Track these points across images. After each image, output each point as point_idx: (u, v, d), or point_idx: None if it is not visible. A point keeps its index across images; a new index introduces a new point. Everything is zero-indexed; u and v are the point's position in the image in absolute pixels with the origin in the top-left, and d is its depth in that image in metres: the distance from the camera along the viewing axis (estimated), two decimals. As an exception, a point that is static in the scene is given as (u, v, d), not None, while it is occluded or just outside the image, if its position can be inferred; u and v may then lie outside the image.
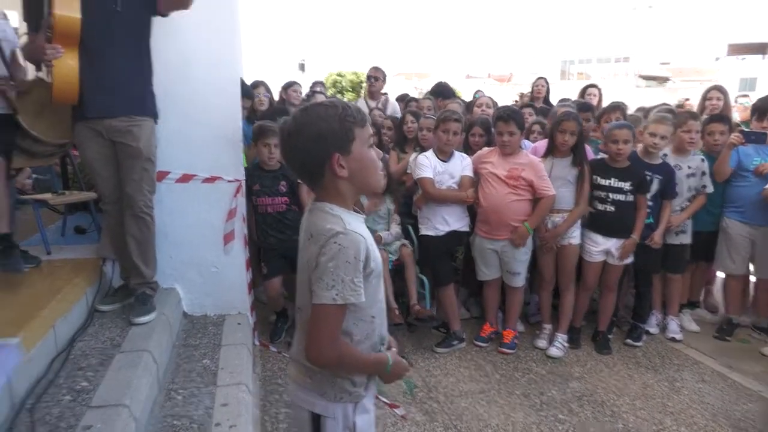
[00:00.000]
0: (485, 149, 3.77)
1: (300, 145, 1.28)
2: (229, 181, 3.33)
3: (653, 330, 4.07)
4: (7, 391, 1.93)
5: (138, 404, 2.12)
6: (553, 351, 3.70)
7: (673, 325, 4.04)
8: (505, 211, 3.53)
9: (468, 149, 3.94)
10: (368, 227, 1.39)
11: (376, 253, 1.33)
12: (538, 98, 5.90)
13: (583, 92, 5.86)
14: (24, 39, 2.87)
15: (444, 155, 3.66)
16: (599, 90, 5.85)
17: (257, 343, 3.56)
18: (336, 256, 1.23)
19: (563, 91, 7.65)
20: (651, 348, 3.87)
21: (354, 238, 1.26)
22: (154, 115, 2.91)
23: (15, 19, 3.74)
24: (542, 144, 3.84)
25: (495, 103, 4.82)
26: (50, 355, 2.31)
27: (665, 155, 3.86)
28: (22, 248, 3.09)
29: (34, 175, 5.27)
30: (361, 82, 30.37)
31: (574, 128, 3.51)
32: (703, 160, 3.87)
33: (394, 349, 1.47)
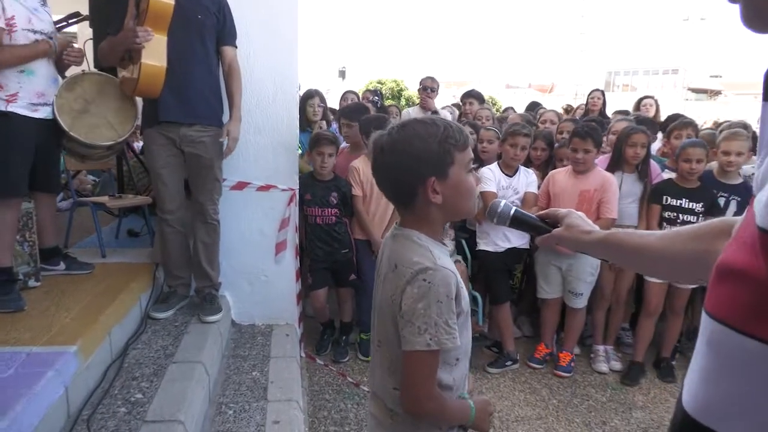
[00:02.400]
0: (560, 169, 3.61)
1: (393, 164, 1.17)
2: (283, 190, 3.28)
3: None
4: (64, 400, 1.90)
5: (191, 419, 2.05)
6: (614, 365, 3.62)
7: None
8: None
9: (529, 163, 3.79)
10: None
11: (464, 291, 1.21)
12: (593, 110, 5.68)
13: (639, 104, 5.68)
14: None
15: (509, 170, 3.53)
16: (656, 101, 5.67)
17: (303, 355, 3.48)
18: (426, 296, 1.11)
19: (609, 104, 7.34)
20: (720, 378, 3.60)
21: (444, 274, 1.13)
22: (222, 124, 2.90)
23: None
24: (603, 159, 3.66)
25: (560, 118, 4.66)
26: (106, 362, 2.28)
27: (753, 175, 3.60)
28: (71, 254, 3.10)
29: (90, 177, 5.41)
30: (401, 89, 30.44)
31: (645, 141, 3.33)
32: None
33: (477, 396, 1.34)
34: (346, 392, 3.16)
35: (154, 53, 2.59)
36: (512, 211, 1.21)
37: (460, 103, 5.55)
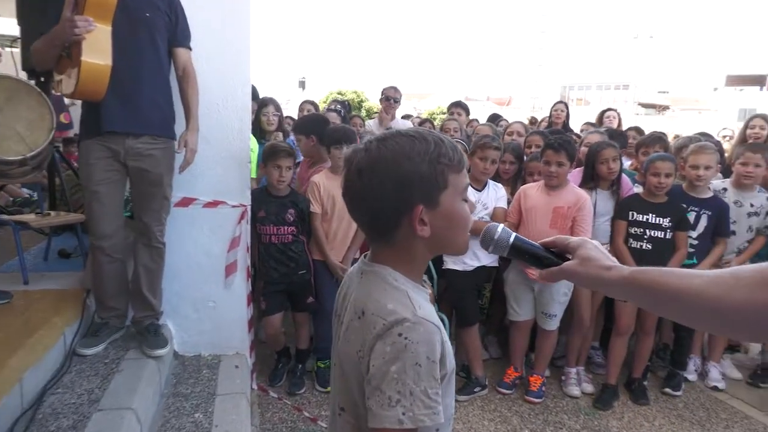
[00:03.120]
0: (532, 183, 3.44)
1: (372, 188, 0.93)
2: (233, 206, 2.98)
3: (691, 377, 3.71)
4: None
5: (116, 482, 1.73)
6: (586, 387, 3.49)
7: (714, 372, 3.68)
8: None
9: (497, 177, 3.62)
10: None
11: (449, 347, 0.97)
12: (557, 123, 5.61)
13: (602, 116, 5.73)
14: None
15: (478, 184, 3.34)
16: (618, 114, 5.77)
17: (255, 387, 3.17)
18: (401, 356, 0.86)
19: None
20: (692, 398, 3.50)
21: (427, 329, 0.89)
22: (174, 135, 2.60)
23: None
24: (575, 174, 3.53)
25: (527, 130, 4.54)
26: (14, 414, 1.92)
27: (724, 190, 3.54)
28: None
29: (25, 190, 4.93)
30: (362, 101, 30.35)
31: (616, 155, 3.21)
32: None
33: None
34: (301, 429, 2.87)
35: (97, 48, 2.26)
36: (512, 239, 0.99)
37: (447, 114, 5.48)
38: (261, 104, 4.21)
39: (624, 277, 0.85)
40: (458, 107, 5.46)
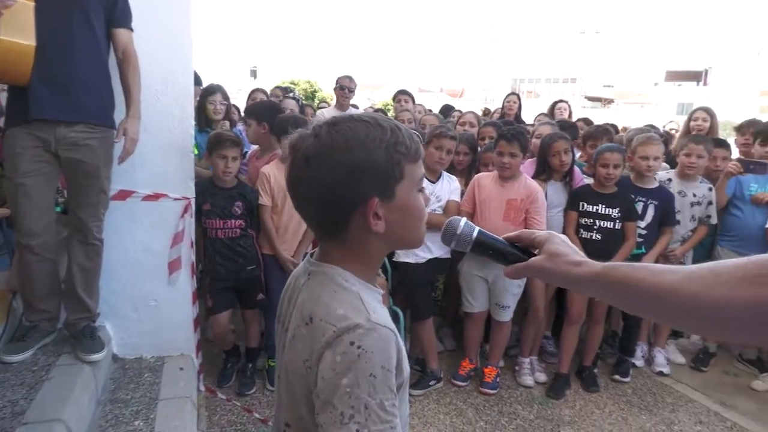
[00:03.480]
0: (486, 173, 3.41)
1: (322, 179, 0.84)
2: (175, 199, 2.81)
3: (639, 363, 3.81)
4: None
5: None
6: (539, 377, 3.52)
7: (660, 357, 3.79)
8: None
9: (452, 168, 3.57)
10: None
11: (404, 353, 0.88)
12: (509, 114, 5.64)
13: (553, 107, 5.79)
14: None
15: (433, 175, 3.27)
16: (569, 105, 5.84)
17: (202, 389, 3.03)
18: (353, 367, 0.77)
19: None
20: (639, 384, 3.59)
21: (382, 336, 0.81)
22: (113, 124, 2.41)
23: None
24: (528, 164, 3.53)
25: (480, 121, 4.52)
26: None
27: (669, 180, 3.63)
28: None
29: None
30: (315, 90, 29.91)
31: (567, 147, 3.23)
32: (710, 188, 3.63)
33: None
34: (251, 431, 2.76)
35: (17, 26, 2.05)
36: (475, 233, 0.93)
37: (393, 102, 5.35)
38: (208, 92, 4.01)
39: (596, 273, 0.80)
40: (404, 95, 5.37)
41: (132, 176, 2.73)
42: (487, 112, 7.17)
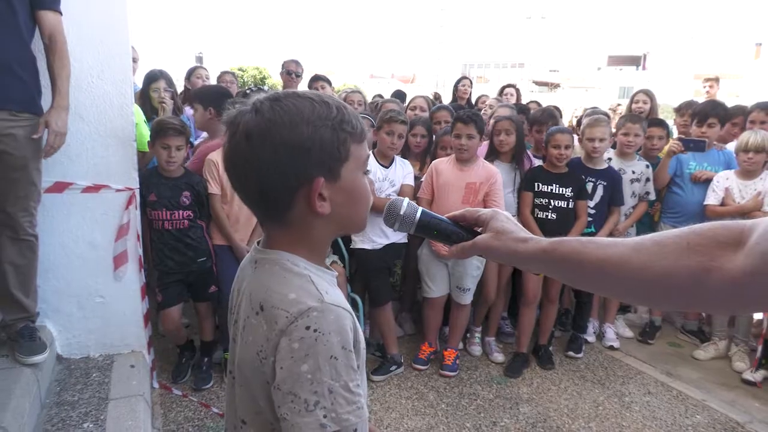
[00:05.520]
0: (443, 158, 3.40)
1: (263, 156, 0.79)
2: (118, 190, 2.67)
3: (590, 338, 3.94)
4: None
5: None
6: (497, 357, 3.59)
7: (610, 332, 3.93)
8: None
9: (407, 151, 3.55)
10: None
11: (361, 333, 0.86)
12: (462, 98, 5.67)
13: (501, 92, 5.86)
14: None
15: (385, 160, 3.24)
16: (517, 89, 5.92)
17: (156, 386, 2.92)
18: (312, 352, 0.74)
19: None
20: (592, 359, 3.71)
21: (338, 316, 0.78)
22: (41, 112, 2.24)
23: None
24: (482, 147, 3.55)
25: (430, 105, 4.49)
26: None
27: (609, 159, 3.73)
28: None
29: None
30: (264, 77, 29.27)
31: (510, 127, 3.27)
32: (648, 166, 3.76)
33: None
34: (210, 427, 2.68)
35: None
36: (418, 214, 0.90)
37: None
38: (150, 78, 3.82)
39: (543, 249, 0.79)
40: (320, 80, 5.26)
41: (69, 167, 2.58)
42: (437, 97, 7.18)
